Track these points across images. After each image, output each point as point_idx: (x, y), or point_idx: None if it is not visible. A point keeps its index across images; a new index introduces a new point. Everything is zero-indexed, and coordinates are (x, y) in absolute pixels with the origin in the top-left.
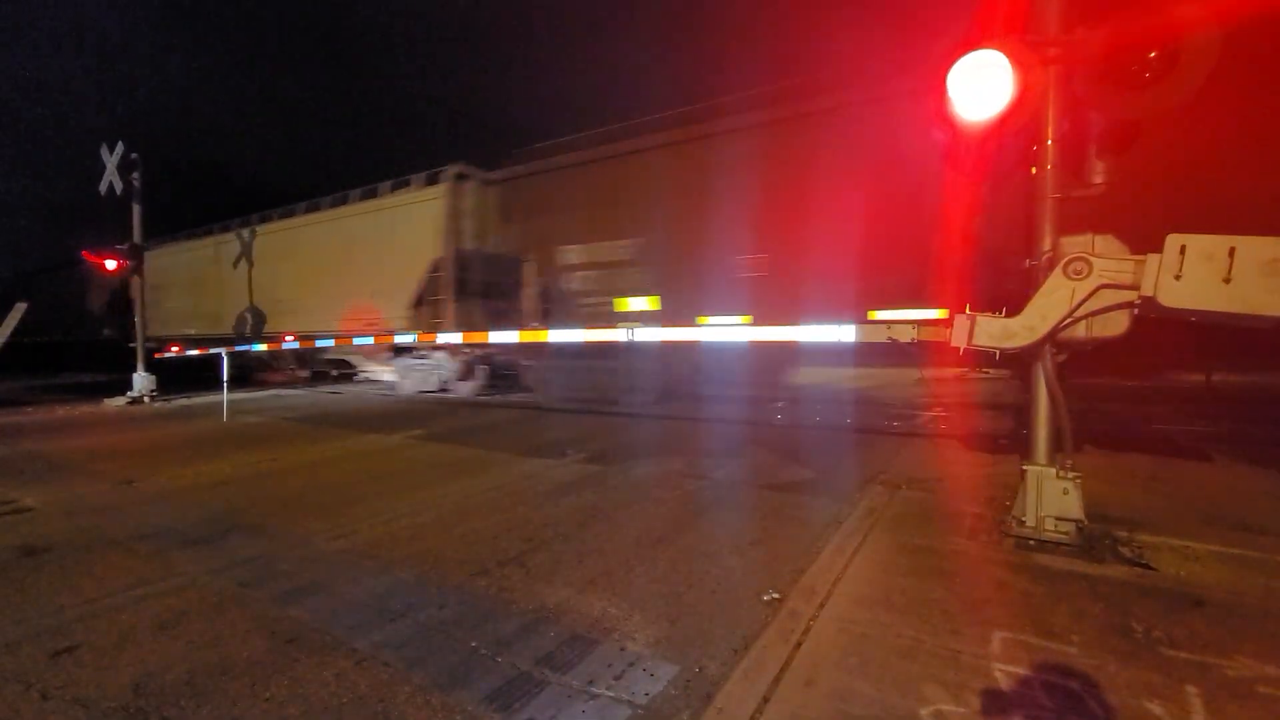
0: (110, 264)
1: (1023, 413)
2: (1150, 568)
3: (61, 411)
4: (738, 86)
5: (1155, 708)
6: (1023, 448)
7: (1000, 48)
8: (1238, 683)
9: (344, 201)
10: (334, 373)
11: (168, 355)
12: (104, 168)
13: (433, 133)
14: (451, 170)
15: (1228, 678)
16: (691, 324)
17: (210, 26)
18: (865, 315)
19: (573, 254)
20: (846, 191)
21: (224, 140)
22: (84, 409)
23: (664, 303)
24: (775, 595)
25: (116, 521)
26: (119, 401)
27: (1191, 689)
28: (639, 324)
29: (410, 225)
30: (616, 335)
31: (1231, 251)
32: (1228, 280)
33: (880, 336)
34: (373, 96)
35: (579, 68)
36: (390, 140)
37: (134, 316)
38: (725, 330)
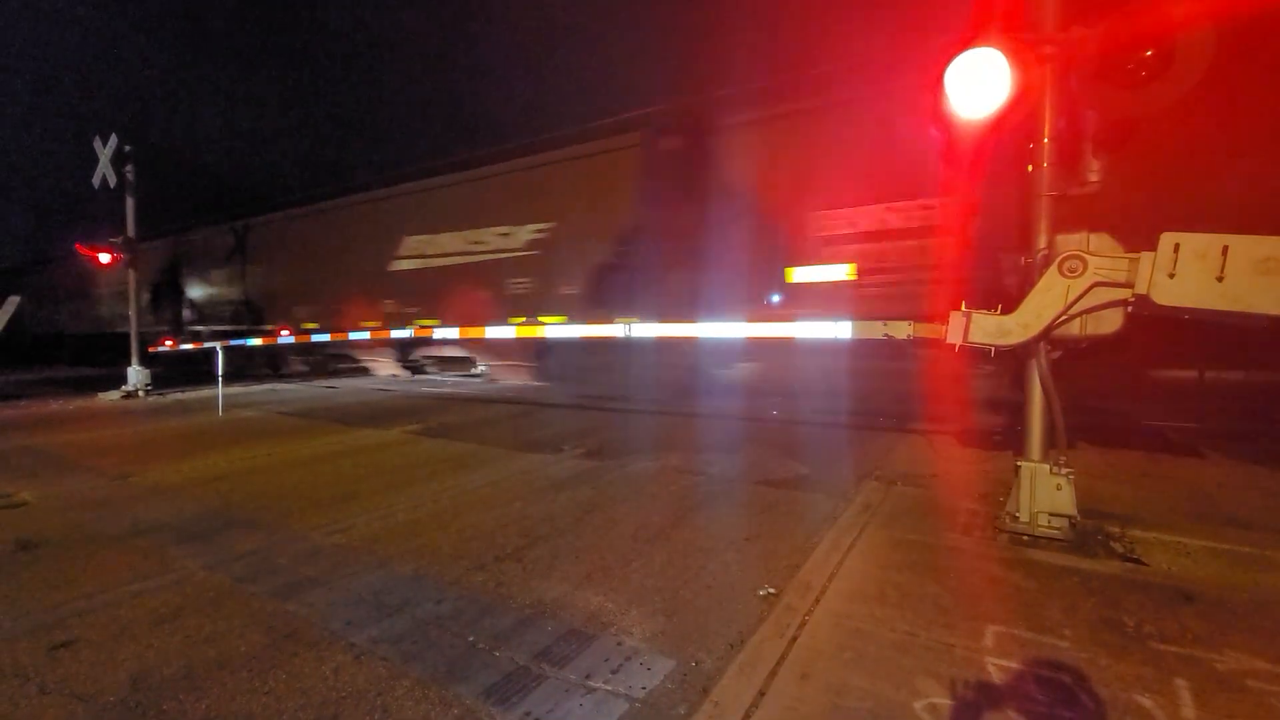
0: (104, 257)
1: (1017, 409)
2: (1142, 563)
3: (55, 405)
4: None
5: (1145, 700)
6: (1017, 444)
7: (997, 45)
8: (1227, 676)
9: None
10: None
11: (161, 349)
12: (97, 160)
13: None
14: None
15: (1217, 671)
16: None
17: (199, 21)
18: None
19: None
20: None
21: (213, 136)
22: (78, 403)
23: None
24: (771, 590)
25: (112, 516)
26: (113, 395)
27: (1181, 682)
28: (637, 319)
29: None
30: (615, 330)
31: (1224, 250)
32: (1220, 278)
33: (877, 333)
34: (358, 96)
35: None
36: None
37: (129, 311)
38: (723, 327)
